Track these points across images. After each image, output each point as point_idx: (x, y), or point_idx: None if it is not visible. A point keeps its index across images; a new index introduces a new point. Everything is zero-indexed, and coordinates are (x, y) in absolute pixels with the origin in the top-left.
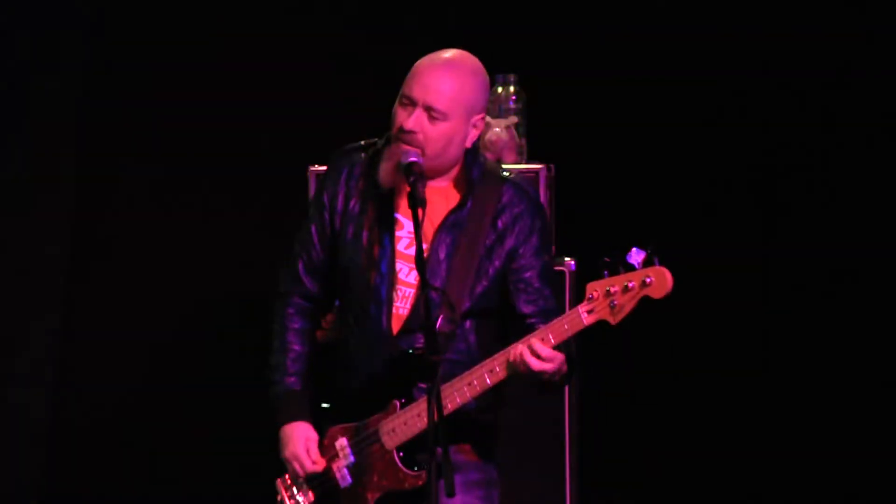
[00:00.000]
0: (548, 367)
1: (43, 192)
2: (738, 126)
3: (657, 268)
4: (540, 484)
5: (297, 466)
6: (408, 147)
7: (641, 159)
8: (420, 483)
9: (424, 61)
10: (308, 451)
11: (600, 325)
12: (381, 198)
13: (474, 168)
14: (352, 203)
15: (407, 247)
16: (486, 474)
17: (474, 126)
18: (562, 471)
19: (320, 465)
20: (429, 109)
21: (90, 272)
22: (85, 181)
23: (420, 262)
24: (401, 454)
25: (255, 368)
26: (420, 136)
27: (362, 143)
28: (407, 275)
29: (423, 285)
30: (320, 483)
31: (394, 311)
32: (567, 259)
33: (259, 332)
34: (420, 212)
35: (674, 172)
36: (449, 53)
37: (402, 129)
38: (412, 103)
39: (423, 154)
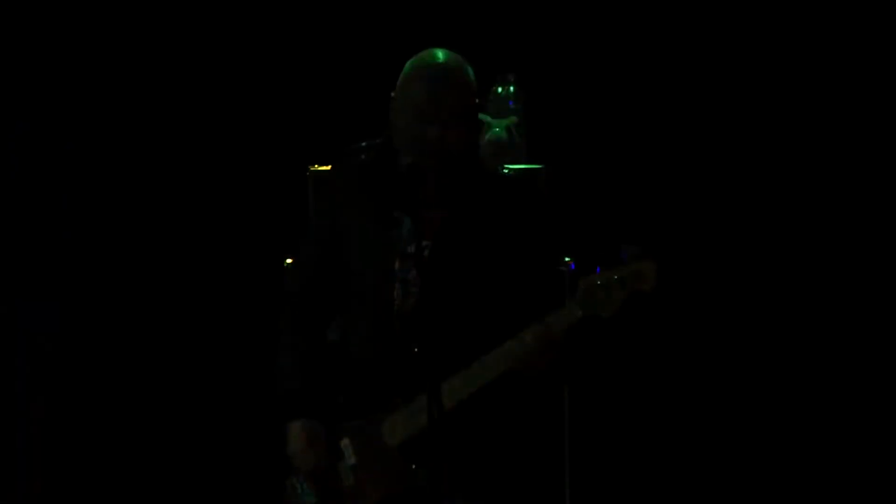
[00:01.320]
0: (542, 361)
1: (41, 187)
2: (738, 126)
3: (648, 262)
4: (540, 483)
5: (299, 462)
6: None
7: (641, 159)
8: (421, 481)
9: (429, 70)
10: (311, 444)
11: (601, 323)
12: (382, 198)
13: (475, 166)
14: (354, 203)
15: (409, 245)
16: (487, 475)
17: (479, 120)
18: (562, 470)
19: (323, 458)
20: (448, 117)
21: (88, 271)
22: (84, 179)
23: (421, 263)
24: (403, 452)
25: (258, 368)
26: (445, 143)
27: (363, 144)
28: (409, 273)
29: (426, 286)
30: (325, 483)
31: (396, 309)
32: (567, 259)
33: (261, 332)
34: (422, 212)
35: (674, 172)
36: (442, 55)
37: (424, 141)
38: (432, 114)
39: (450, 156)
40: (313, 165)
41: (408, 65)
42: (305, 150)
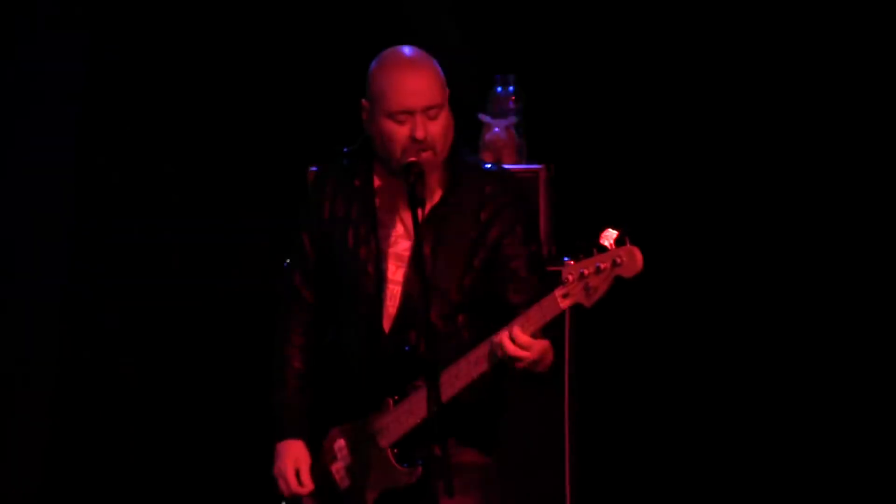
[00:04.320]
0: (527, 354)
1: (43, 189)
2: (737, 125)
3: (627, 247)
4: (540, 484)
5: (282, 485)
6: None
7: (641, 159)
8: (414, 480)
9: (394, 73)
10: (297, 472)
11: (588, 313)
12: (364, 199)
13: (456, 162)
14: (337, 208)
15: (392, 245)
16: (485, 475)
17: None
18: (562, 470)
19: (306, 488)
20: (427, 110)
21: (88, 272)
22: (84, 179)
23: (419, 262)
24: (395, 451)
25: (256, 369)
26: (430, 139)
27: (344, 149)
28: (394, 273)
29: (424, 287)
30: (322, 486)
31: (384, 309)
32: (566, 259)
33: (259, 333)
34: (420, 212)
35: (674, 172)
36: (406, 52)
37: (415, 141)
38: (409, 114)
39: (436, 152)
40: (313, 165)
41: (374, 66)
42: (305, 150)
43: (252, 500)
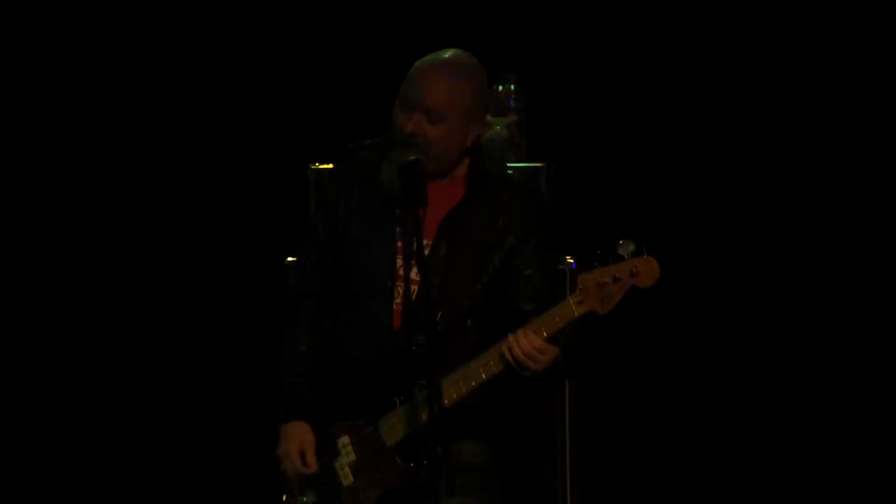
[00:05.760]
0: (541, 359)
1: (39, 186)
2: (739, 124)
3: (645, 258)
4: (541, 484)
5: (286, 465)
6: (405, 150)
7: (642, 159)
8: (418, 480)
9: (422, 63)
10: (300, 452)
11: (599, 319)
12: (382, 196)
13: (477, 166)
14: (354, 202)
15: (408, 243)
16: (486, 475)
17: (476, 124)
18: (563, 470)
19: (311, 468)
20: (427, 112)
21: (88, 271)
22: (83, 179)
23: (421, 261)
24: (401, 451)
25: (258, 367)
26: (420, 139)
27: (367, 142)
28: (409, 270)
29: (425, 284)
30: (324, 482)
31: (394, 307)
32: (567, 258)
33: (261, 331)
34: (420, 211)
35: (675, 171)
36: (447, 54)
37: (402, 132)
38: (411, 106)
39: (426, 155)
40: (313, 164)
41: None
42: (305, 149)
43: (253, 501)
